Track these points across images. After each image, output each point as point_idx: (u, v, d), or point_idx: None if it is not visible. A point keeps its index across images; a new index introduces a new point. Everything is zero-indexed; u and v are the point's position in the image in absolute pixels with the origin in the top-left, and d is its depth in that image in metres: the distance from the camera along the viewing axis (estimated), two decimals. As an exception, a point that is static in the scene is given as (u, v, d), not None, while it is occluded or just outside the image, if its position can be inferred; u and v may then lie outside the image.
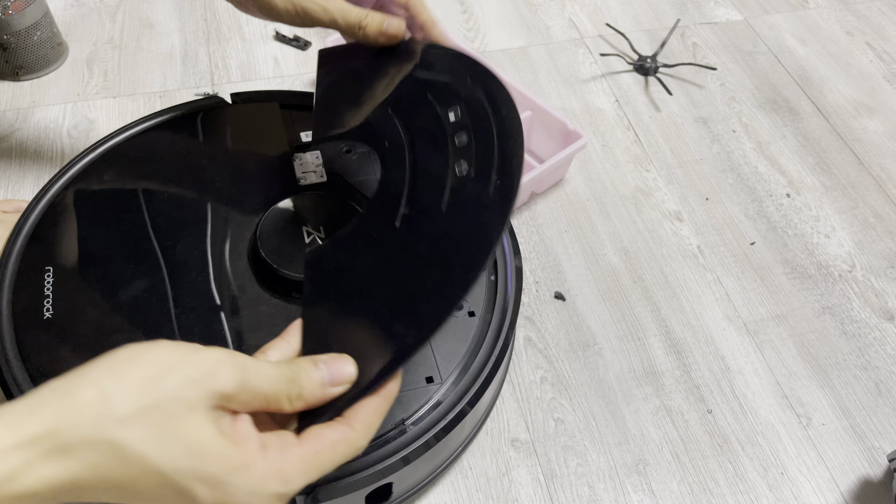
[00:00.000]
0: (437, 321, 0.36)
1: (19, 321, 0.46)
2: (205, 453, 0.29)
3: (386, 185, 0.44)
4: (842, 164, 0.79)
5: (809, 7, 0.98)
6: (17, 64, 0.78)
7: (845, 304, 0.67)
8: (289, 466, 0.30)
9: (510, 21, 0.92)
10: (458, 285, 0.37)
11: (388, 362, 0.35)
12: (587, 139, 0.69)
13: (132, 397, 0.28)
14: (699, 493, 0.55)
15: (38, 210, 0.52)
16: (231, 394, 0.30)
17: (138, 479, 0.28)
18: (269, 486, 0.29)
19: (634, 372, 0.61)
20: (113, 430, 0.27)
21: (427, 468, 0.50)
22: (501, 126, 0.43)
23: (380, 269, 0.40)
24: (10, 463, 0.26)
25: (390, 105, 0.48)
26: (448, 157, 0.43)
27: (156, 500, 0.29)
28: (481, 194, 0.40)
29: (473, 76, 0.47)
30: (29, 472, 0.26)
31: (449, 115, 0.45)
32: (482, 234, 0.38)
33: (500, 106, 0.44)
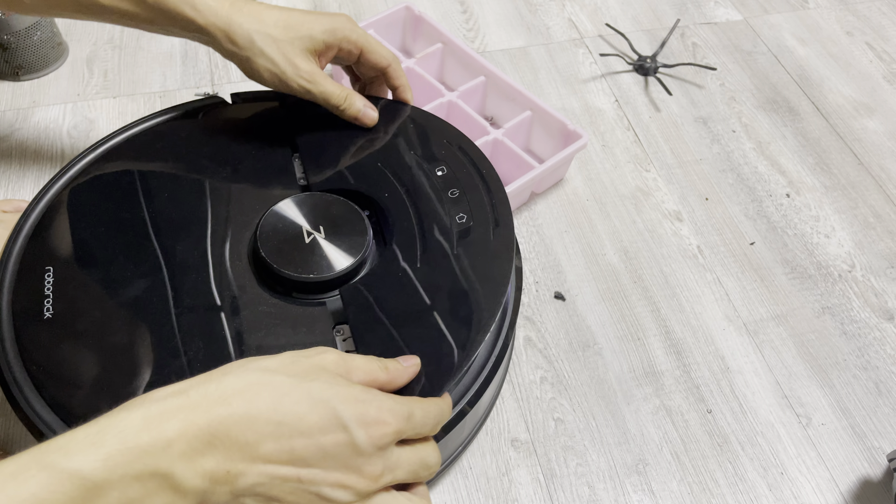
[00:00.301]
0: (474, 346, 0.45)
1: (19, 321, 0.46)
2: (358, 398, 0.36)
3: (399, 230, 0.51)
4: (842, 164, 0.79)
5: (809, 7, 0.98)
6: (17, 64, 0.78)
7: (845, 304, 0.67)
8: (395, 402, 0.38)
9: (510, 21, 0.92)
10: (485, 318, 0.47)
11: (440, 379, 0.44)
12: (587, 139, 0.69)
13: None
14: (699, 492, 0.55)
15: (38, 210, 0.52)
16: (352, 367, 0.39)
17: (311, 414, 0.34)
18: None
19: (634, 372, 0.61)
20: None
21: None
22: (484, 181, 0.53)
23: (413, 300, 0.48)
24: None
25: (380, 160, 0.56)
26: (446, 208, 0.51)
27: (320, 432, 0.34)
28: (485, 239, 0.50)
29: (449, 139, 0.56)
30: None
31: (436, 171, 0.54)
32: (495, 272, 0.49)
33: (477, 164, 0.54)
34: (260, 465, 0.32)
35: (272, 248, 0.49)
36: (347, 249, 0.50)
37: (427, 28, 0.81)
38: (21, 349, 0.45)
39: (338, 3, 0.92)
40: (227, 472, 0.32)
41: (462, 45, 0.77)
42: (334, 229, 0.51)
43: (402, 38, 0.85)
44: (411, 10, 0.81)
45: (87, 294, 0.48)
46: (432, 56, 0.79)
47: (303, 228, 0.50)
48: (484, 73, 0.75)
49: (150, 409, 0.32)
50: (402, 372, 0.41)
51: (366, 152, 0.57)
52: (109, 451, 0.30)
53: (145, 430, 0.31)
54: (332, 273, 0.49)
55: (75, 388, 0.44)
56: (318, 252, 0.50)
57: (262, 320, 0.48)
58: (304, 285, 0.49)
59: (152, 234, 0.51)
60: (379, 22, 0.80)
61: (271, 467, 0.33)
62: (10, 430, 0.55)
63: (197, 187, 0.55)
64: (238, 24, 0.51)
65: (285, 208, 0.51)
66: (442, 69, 0.81)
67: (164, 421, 0.31)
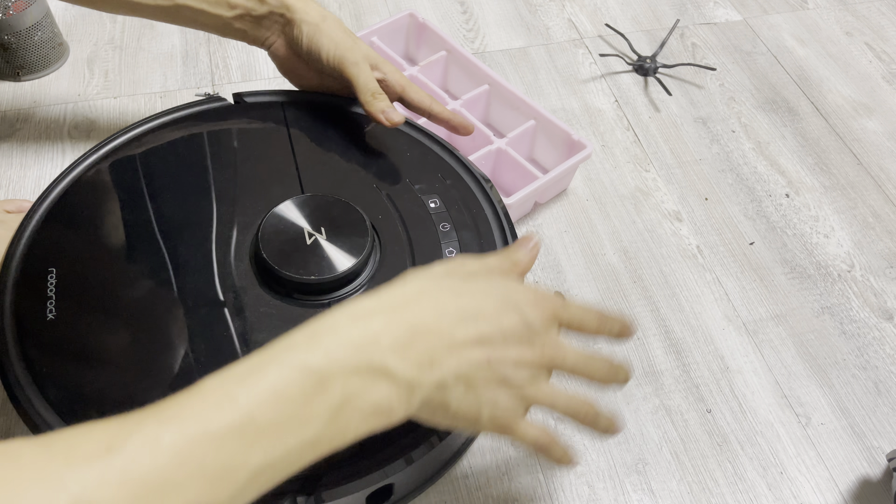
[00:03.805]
0: None
1: (22, 322, 0.46)
2: (520, 286, 0.41)
3: (391, 255, 0.52)
4: (841, 164, 0.79)
5: (809, 7, 0.98)
6: (18, 64, 0.78)
7: (844, 303, 0.67)
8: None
9: (510, 21, 0.92)
10: None
11: None
12: (591, 149, 0.69)
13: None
14: (699, 492, 0.55)
15: (41, 211, 0.52)
16: (507, 264, 0.43)
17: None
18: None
19: (634, 371, 0.61)
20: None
21: (428, 468, 0.50)
22: (474, 219, 0.55)
23: None
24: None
25: (375, 182, 0.57)
26: (438, 240, 0.53)
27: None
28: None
29: (443, 174, 0.57)
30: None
31: (429, 204, 0.55)
32: None
33: (469, 202, 0.56)
34: (457, 351, 0.36)
35: (274, 249, 0.49)
36: (349, 251, 0.50)
37: (431, 35, 0.81)
38: (24, 350, 0.45)
39: (338, 3, 0.92)
40: (430, 359, 0.35)
41: (466, 53, 0.77)
42: (335, 231, 0.51)
43: (405, 45, 0.84)
44: (415, 17, 0.81)
45: (90, 295, 0.48)
46: (436, 64, 0.79)
47: (304, 230, 0.51)
48: (488, 82, 0.75)
49: (353, 310, 0.35)
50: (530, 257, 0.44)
51: (357, 167, 0.58)
52: (328, 348, 0.33)
53: (354, 327, 0.34)
54: (334, 274, 0.49)
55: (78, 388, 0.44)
56: (319, 253, 0.50)
57: (264, 321, 0.48)
58: (305, 286, 0.49)
59: (154, 235, 0.51)
60: (382, 29, 0.80)
61: (466, 351, 0.36)
62: (11, 431, 0.55)
63: (199, 189, 0.55)
64: (314, 3, 0.60)
65: (286, 210, 0.52)
66: (445, 77, 0.81)
67: (368, 320, 0.35)
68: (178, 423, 0.29)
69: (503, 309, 0.38)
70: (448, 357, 0.36)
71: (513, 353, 0.38)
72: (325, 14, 0.60)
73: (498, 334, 0.37)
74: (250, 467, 0.29)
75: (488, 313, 0.38)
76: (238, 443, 0.29)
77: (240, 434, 0.29)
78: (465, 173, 0.58)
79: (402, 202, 0.55)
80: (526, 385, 0.39)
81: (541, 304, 0.40)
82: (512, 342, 0.38)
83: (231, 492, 0.29)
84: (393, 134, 0.60)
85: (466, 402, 0.37)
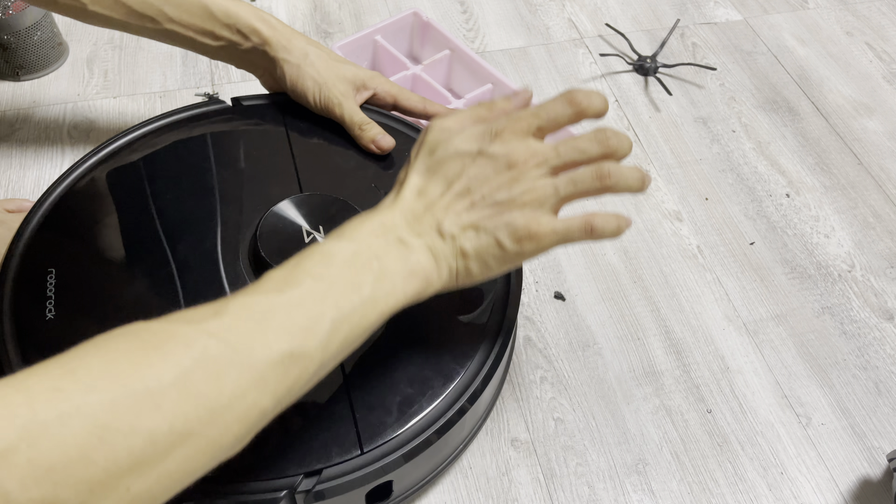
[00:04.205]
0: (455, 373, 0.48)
1: (21, 322, 0.46)
2: (476, 130, 0.44)
3: None
4: (841, 164, 0.79)
5: (809, 7, 0.98)
6: (18, 64, 0.78)
7: (845, 303, 0.67)
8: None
9: (510, 21, 0.92)
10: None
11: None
12: None
13: None
14: (699, 492, 0.55)
15: (41, 212, 0.52)
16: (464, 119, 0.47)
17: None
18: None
19: (634, 372, 0.61)
20: None
21: (427, 466, 0.50)
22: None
23: (399, 321, 0.46)
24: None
25: (374, 180, 0.57)
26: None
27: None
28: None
29: None
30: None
31: None
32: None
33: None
34: (449, 211, 0.42)
35: (272, 248, 0.49)
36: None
37: (434, 34, 0.80)
38: (23, 349, 0.45)
39: (338, 3, 0.92)
40: (437, 228, 0.42)
41: (470, 52, 0.77)
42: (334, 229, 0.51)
43: (409, 44, 0.84)
44: (419, 16, 0.81)
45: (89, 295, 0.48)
46: (439, 63, 0.79)
47: (303, 228, 0.51)
48: (491, 81, 0.75)
49: (361, 216, 0.42)
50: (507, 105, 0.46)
51: (359, 169, 0.58)
52: (353, 233, 0.41)
53: (371, 221, 0.42)
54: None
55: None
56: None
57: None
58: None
59: (153, 235, 0.51)
60: (386, 28, 0.80)
61: (455, 206, 0.42)
62: (10, 431, 0.55)
63: (198, 189, 0.55)
64: (297, 39, 0.60)
65: (285, 209, 0.52)
66: (449, 76, 0.81)
67: (378, 216, 0.42)
68: (262, 295, 0.36)
69: (468, 162, 0.42)
70: (446, 218, 0.42)
71: (494, 182, 0.42)
72: (307, 50, 0.60)
73: (474, 181, 0.42)
74: (327, 321, 0.36)
75: (457, 172, 0.42)
76: (312, 300, 0.36)
77: (312, 293, 0.36)
78: None
79: None
80: (528, 194, 0.41)
81: (501, 132, 0.43)
82: (490, 177, 0.42)
83: (318, 341, 0.35)
84: (391, 133, 0.60)
85: (485, 241, 0.42)
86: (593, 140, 0.42)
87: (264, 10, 0.89)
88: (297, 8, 0.90)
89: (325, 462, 0.43)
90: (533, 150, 0.42)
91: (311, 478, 0.43)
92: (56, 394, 0.27)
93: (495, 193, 0.41)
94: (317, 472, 0.43)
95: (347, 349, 0.38)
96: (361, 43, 0.79)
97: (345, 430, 0.44)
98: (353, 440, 0.44)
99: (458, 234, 0.42)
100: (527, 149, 0.42)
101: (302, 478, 0.42)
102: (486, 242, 0.41)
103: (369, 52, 0.81)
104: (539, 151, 0.42)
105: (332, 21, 0.89)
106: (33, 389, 0.27)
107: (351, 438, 0.44)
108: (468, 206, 0.42)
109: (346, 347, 0.38)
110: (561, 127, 0.43)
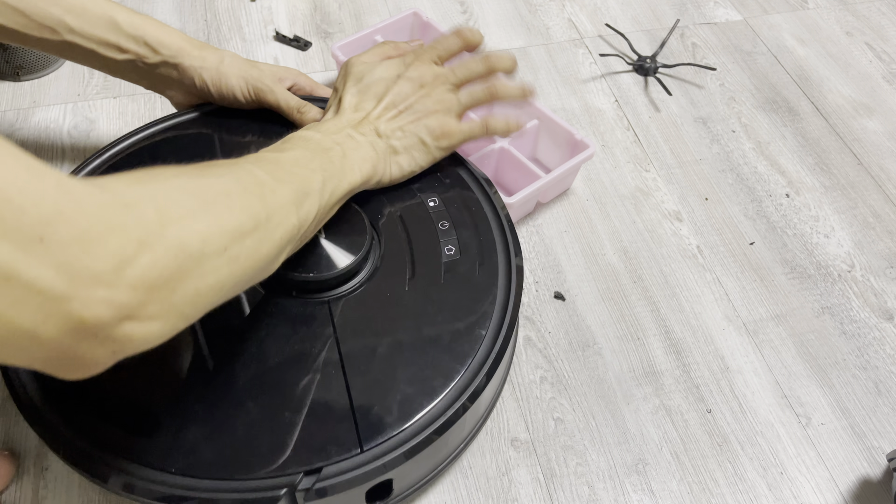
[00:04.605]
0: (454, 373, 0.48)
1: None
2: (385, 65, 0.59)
3: (391, 253, 0.53)
4: (841, 164, 0.79)
5: (809, 7, 0.98)
6: (18, 64, 0.78)
7: (845, 303, 0.67)
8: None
9: (510, 21, 0.92)
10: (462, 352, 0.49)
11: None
12: (594, 149, 0.69)
13: None
14: (699, 492, 0.55)
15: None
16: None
17: None
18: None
19: (634, 372, 0.61)
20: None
21: (428, 465, 0.50)
22: (473, 217, 0.55)
23: (399, 320, 0.50)
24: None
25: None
26: (437, 238, 0.54)
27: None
28: (470, 272, 0.52)
29: (442, 173, 0.58)
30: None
31: (428, 203, 0.56)
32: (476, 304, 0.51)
33: (468, 201, 0.57)
34: (382, 119, 0.55)
35: (273, 247, 0.49)
36: (348, 248, 0.50)
37: (435, 34, 0.80)
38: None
39: (338, 3, 0.92)
40: (374, 130, 0.54)
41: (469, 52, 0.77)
42: (335, 229, 0.51)
43: None
44: (419, 15, 0.81)
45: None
46: None
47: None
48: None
49: (314, 126, 0.53)
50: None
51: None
52: (315, 135, 0.51)
53: (321, 128, 0.52)
54: (333, 272, 0.49)
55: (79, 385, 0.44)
56: (318, 251, 0.50)
57: (263, 319, 0.48)
58: (304, 284, 0.49)
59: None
60: (386, 28, 0.80)
61: (385, 115, 0.55)
62: (10, 430, 0.55)
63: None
64: (208, 48, 0.60)
65: (286, 208, 0.51)
66: None
67: (327, 124, 0.53)
68: (268, 153, 0.47)
69: (391, 84, 0.56)
70: (380, 124, 0.54)
71: (412, 97, 0.56)
72: (221, 55, 0.60)
73: (398, 97, 0.55)
74: (319, 174, 0.46)
75: (383, 90, 0.55)
76: (305, 161, 0.46)
77: (303, 157, 0.47)
78: (465, 172, 0.58)
79: (400, 201, 0.55)
80: (439, 104, 0.56)
81: (412, 63, 0.57)
82: (409, 94, 0.56)
83: (316, 187, 0.45)
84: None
85: (410, 140, 0.55)
86: (479, 61, 0.57)
87: (265, 9, 0.89)
88: (297, 8, 0.90)
89: (326, 460, 0.43)
90: (437, 73, 0.57)
91: (311, 476, 0.43)
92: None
93: (415, 105, 0.55)
94: (317, 470, 0.43)
95: (329, 211, 0.48)
96: (361, 43, 0.79)
97: (345, 429, 0.44)
98: (353, 438, 0.44)
99: (390, 134, 0.54)
100: (433, 72, 0.56)
101: (302, 476, 0.42)
102: (412, 141, 0.55)
103: (369, 52, 0.81)
104: (441, 73, 0.57)
105: (332, 21, 0.89)
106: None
107: (351, 436, 0.44)
108: (395, 114, 0.55)
109: (328, 207, 0.47)
110: (454, 55, 0.58)
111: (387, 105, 0.55)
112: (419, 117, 0.55)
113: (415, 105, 0.55)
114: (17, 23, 0.54)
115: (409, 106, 0.55)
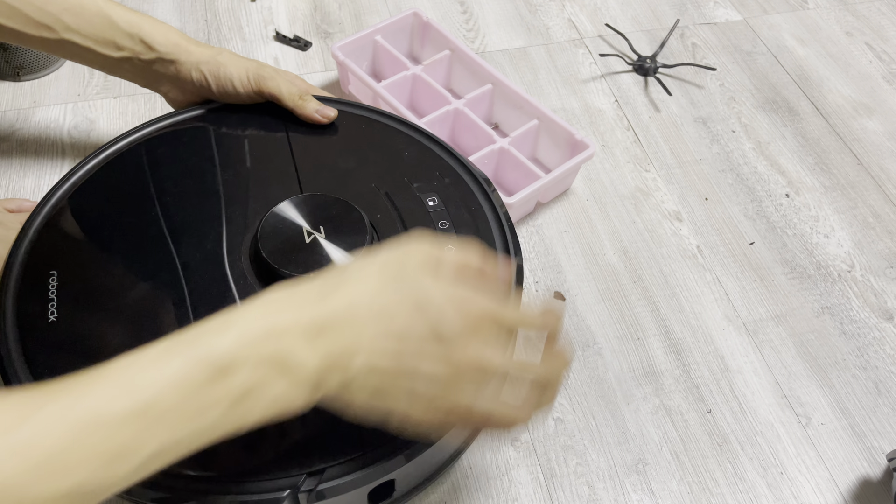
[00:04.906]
0: None
1: (24, 324, 0.46)
2: (439, 292, 0.38)
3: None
4: (841, 164, 0.79)
5: (809, 7, 0.98)
6: (18, 64, 0.78)
7: (844, 303, 0.67)
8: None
9: (510, 21, 0.92)
10: None
11: None
12: (594, 149, 0.69)
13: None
14: (699, 492, 0.55)
15: (43, 214, 0.52)
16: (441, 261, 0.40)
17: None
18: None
19: (634, 372, 0.61)
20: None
21: (429, 465, 0.50)
22: (473, 217, 0.54)
23: None
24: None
25: (374, 181, 0.56)
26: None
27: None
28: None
29: (441, 172, 0.57)
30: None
31: (428, 202, 0.55)
32: None
33: (468, 200, 0.55)
34: (366, 351, 0.35)
35: (273, 248, 0.49)
36: (348, 248, 0.50)
37: (434, 34, 0.80)
38: (25, 351, 0.45)
39: (338, 3, 0.92)
40: (341, 350, 0.34)
41: (470, 52, 0.77)
42: (334, 229, 0.51)
43: (409, 44, 0.84)
44: (419, 16, 0.81)
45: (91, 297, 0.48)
46: (439, 63, 0.79)
47: (303, 229, 0.51)
48: (491, 81, 0.75)
49: (266, 303, 0.35)
50: (494, 263, 0.41)
51: (359, 169, 0.58)
52: (237, 333, 0.33)
53: (265, 317, 0.34)
54: (333, 273, 0.49)
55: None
56: (318, 252, 0.50)
57: (264, 321, 0.48)
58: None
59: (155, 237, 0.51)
60: (386, 28, 0.80)
61: (378, 342, 0.35)
62: (11, 430, 0.55)
63: (198, 190, 0.55)
64: (203, 45, 0.60)
65: (286, 209, 0.52)
66: (449, 76, 0.81)
67: (279, 312, 0.34)
68: (84, 401, 0.30)
69: (415, 315, 0.36)
70: (361, 349, 0.35)
71: (427, 365, 0.36)
72: (218, 50, 0.60)
73: (413, 352, 0.36)
74: (146, 451, 0.31)
75: (406, 327, 0.36)
76: (136, 427, 0.30)
77: (138, 418, 0.30)
78: (464, 172, 0.58)
79: (400, 200, 0.55)
80: (441, 396, 0.37)
81: (464, 309, 0.37)
82: (428, 357, 0.36)
83: (125, 472, 0.30)
84: (391, 133, 0.60)
85: (375, 403, 0.36)
86: (535, 390, 0.42)
87: (265, 9, 0.89)
88: (297, 8, 0.90)
89: (328, 461, 0.43)
90: (482, 365, 0.38)
91: (313, 477, 0.43)
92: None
93: (417, 377, 0.36)
94: (319, 471, 0.43)
95: (161, 468, 0.32)
96: (361, 43, 0.79)
97: (347, 430, 0.44)
98: (355, 439, 0.44)
99: (357, 382, 0.35)
100: (479, 359, 0.38)
101: (304, 477, 0.42)
102: (376, 406, 0.37)
103: (369, 52, 0.81)
104: (488, 368, 0.39)
105: (332, 21, 0.89)
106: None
107: (353, 438, 0.44)
108: (392, 351, 0.36)
109: (160, 468, 0.32)
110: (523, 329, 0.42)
111: (395, 340, 0.36)
112: (411, 389, 0.37)
113: (422, 374, 0.37)
114: (16, 21, 0.54)
115: (415, 369, 0.36)
